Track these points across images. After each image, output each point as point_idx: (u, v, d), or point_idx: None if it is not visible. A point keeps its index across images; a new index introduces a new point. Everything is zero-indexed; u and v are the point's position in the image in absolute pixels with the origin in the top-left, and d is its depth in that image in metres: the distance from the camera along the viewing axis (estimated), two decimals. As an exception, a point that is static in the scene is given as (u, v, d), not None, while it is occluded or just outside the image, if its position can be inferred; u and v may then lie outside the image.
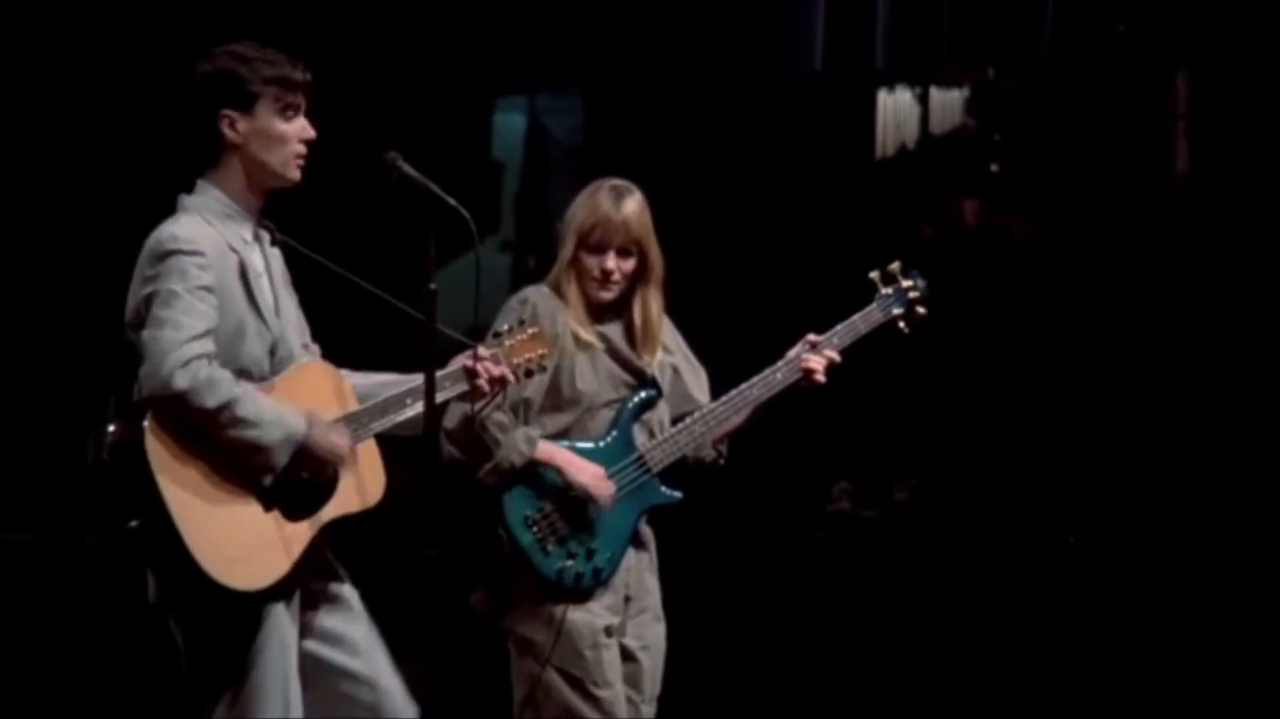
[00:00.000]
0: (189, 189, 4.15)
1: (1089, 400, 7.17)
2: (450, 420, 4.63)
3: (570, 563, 4.71)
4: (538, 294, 4.81)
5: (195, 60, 4.16)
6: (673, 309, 4.95)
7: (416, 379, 4.19)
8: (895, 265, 5.00)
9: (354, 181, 4.22)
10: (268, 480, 4.01)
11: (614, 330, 4.85)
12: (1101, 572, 6.90)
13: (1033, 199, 7.53)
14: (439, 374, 4.22)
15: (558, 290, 4.80)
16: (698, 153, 7.49)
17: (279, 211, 4.20)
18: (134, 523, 3.93)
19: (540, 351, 4.46)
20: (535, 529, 4.71)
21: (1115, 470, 7.08)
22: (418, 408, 4.19)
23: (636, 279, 4.82)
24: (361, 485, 4.15)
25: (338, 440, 4.06)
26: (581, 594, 4.74)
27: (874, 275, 4.99)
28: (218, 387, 3.91)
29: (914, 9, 7.29)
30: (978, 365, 7.33)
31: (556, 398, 4.77)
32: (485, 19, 7.32)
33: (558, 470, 4.71)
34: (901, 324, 4.98)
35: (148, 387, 3.91)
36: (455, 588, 4.72)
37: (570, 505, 4.74)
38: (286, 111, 4.09)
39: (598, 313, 4.83)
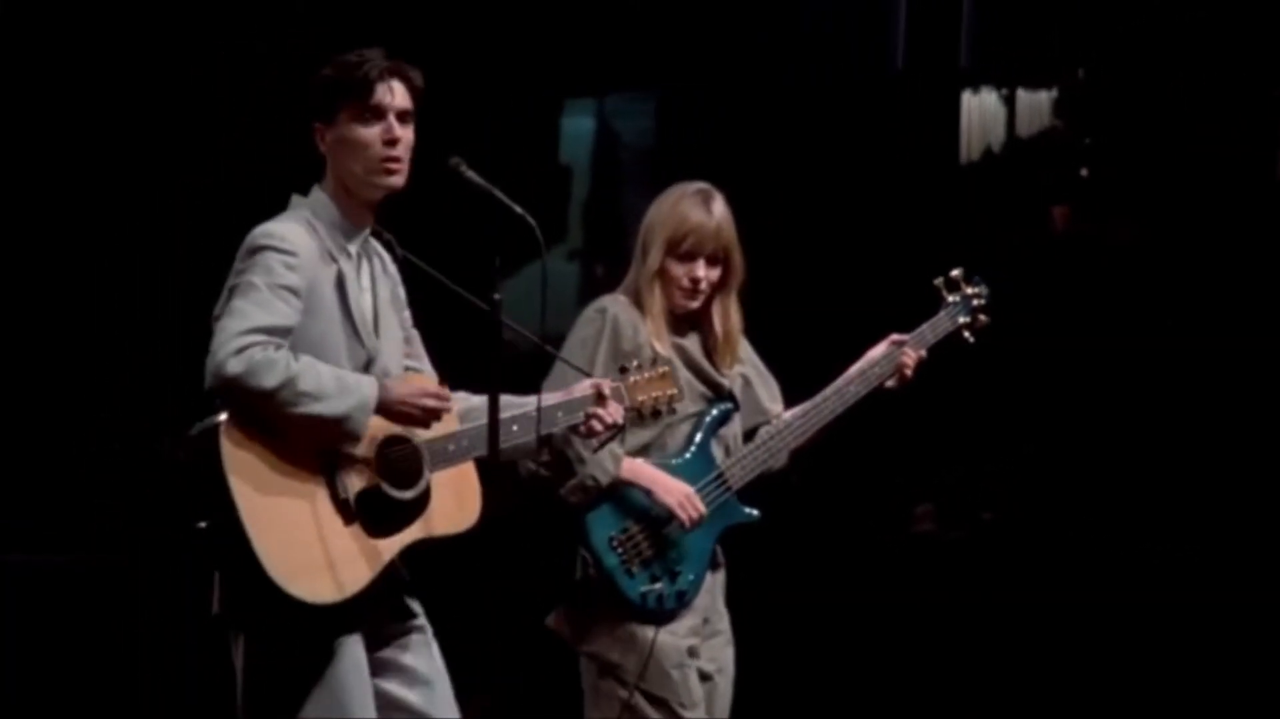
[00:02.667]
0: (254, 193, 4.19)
1: (1189, 416, 7.10)
2: None
3: (655, 586, 4.72)
4: (616, 304, 4.79)
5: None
6: (747, 315, 4.93)
7: (528, 403, 4.19)
8: (958, 272, 5.02)
9: (417, 188, 4.21)
10: (343, 493, 3.97)
11: (691, 342, 4.84)
12: (1201, 598, 6.84)
13: (1125, 206, 7.47)
14: (551, 403, 4.23)
15: (636, 299, 4.78)
16: (773, 156, 7.46)
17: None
18: (203, 524, 3.91)
19: (670, 392, 4.43)
20: (620, 551, 4.70)
21: (1216, 491, 7.00)
22: (524, 436, 4.17)
23: (718, 287, 4.80)
24: (454, 508, 4.09)
25: (425, 397, 3.99)
26: (664, 616, 4.73)
27: (938, 283, 5.01)
28: (275, 365, 3.88)
29: (1000, 7, 7.25)
30: (1067, 379, 7.27)
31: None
32: (553, 19, 7.31)
33: (645, 491, 4.69)
34: (966, 334, 5.00)
35: (207, 378, 3.90)
36: (531, 609, 4.70)
37: (654, 526, 4.74)
38: (364, 116, 4.08)
39: (677, 323, 4.81)
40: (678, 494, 4.70)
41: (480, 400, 4.16)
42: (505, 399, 4.19)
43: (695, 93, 7.67)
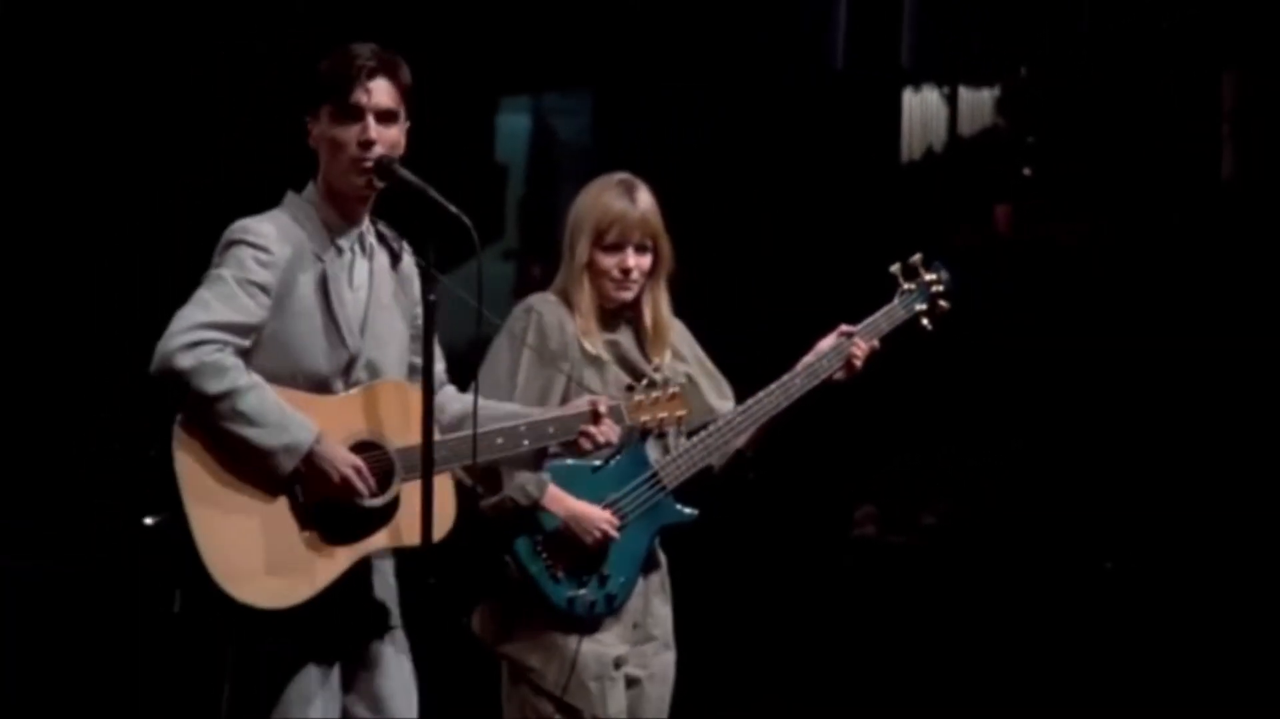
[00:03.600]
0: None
1: (1131, 419, 7.10)
2: None
3: (582, 591, 4.69)
4: (543, 303, 4.77)
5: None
6: (684, 316, 4.91)
7: (520, 416, 4.20)
8: (917, 257, 4.98)
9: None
10: (301, 496, 3.95)
11: (624, 336, 4.81)
12: (1141, 602, 6.84)
13: (1068, 206, 7.48)
14: (544, 418, 4.24)
15: (565, 298, 4.76)
16: (711, 156, 7.44)
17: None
18: (150, 520, 3.90)
19: (679, 413, 4.47)
20: (544, 555, 4.67)
21: (1159, 494, 7.01)
22: (506, 450, 4.17)
23: (647, 277, 4.78)
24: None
25: (348, 470, 3.97)
26: (593, 623, 4.71)
27: (894, 269, 4.97)
28: (224, 373, 3.88)
29: (941, 4, 7.25)
30: (1010, 382, 7.27)
31: (564, 413, 4.72)
32: (488, 15, 7.28)
33: (563, 524, 4.66)
34: (925, 321, 4.96)
35: (153, 361, 3.90)
36: (455, 616, 4.67)
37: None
38: (340, 116, 4.07)
39: (608, 318, 4.78)
40: (594, 533, 4.67)
41: (467, 408, 4.14)
42: (496, 408, 4.22)
43: (632, 90, 7.64)
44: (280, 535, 3.93)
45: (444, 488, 4.08)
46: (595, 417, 4.30)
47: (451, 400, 4.24)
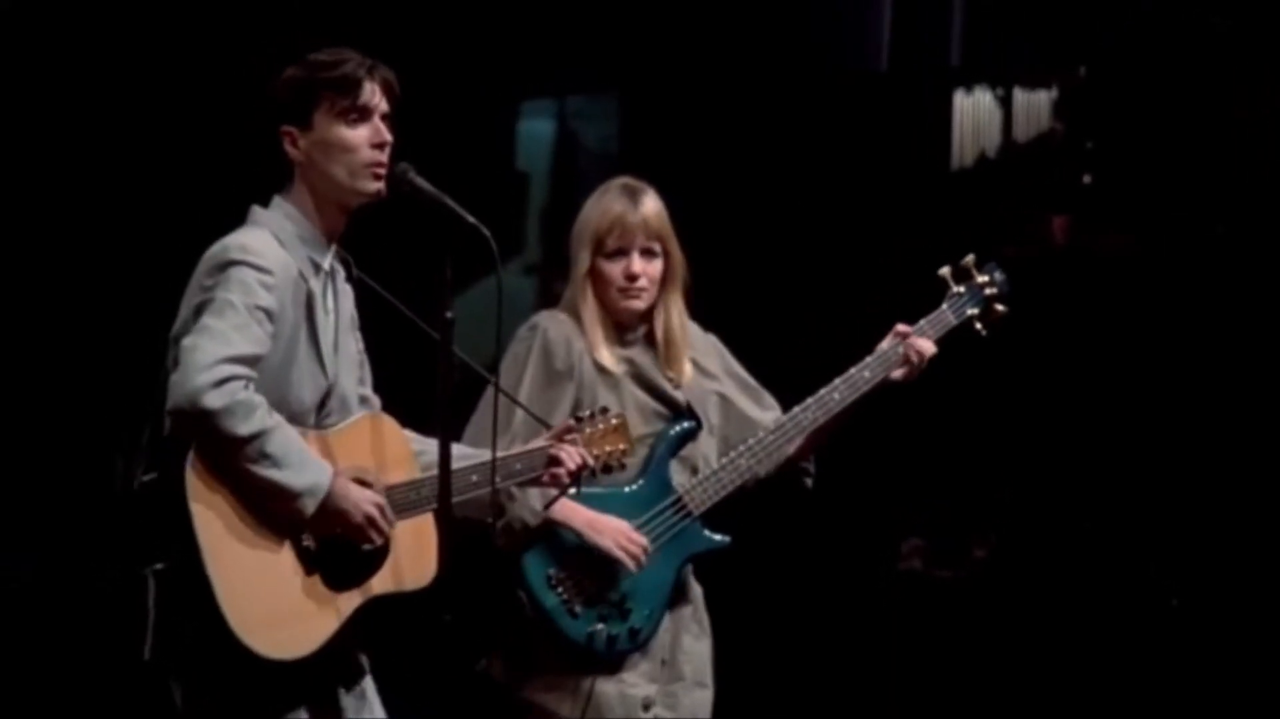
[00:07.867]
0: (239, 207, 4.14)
1: (1200, 444, 7.06)
2: None
3: (602, 626, 4.68)
4: (549, 319, 4.78)
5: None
6: (720, 326, 4.93)
7: (485, 453, 4.15)
8: (969, 259, 4.97)
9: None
10: (307, 539, 3.94)
11: (641, 354, 4.81)
12: (1211, 642, 6.80)
13: (1130, 215, 7.45)
14: (509, 454, 4.22)
15: (574, 313, 4.72)
16: (746, 163, 7.44)
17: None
18: (158, 566, 3.86)
19: (621, 446, 4.43)
20: (560, 589, 4.67)
21: (1229, 526, 6.97)
22: (485, 486, 4.14)
23: (660, 286, 4.75)
24: (413, 562, 4.05)
25: (372, 509, 3.96)
26: (616, 660, 4.69)
27: (944, 272, 4.98)
28: (253, 412, 3.84)
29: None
30: (1069, 404, 7.24)
31: (577, 437, 4.71)
32: (509, 16, 7.28)
33: (576, 534, 4.61)
34: (978, 325, 4.96)
35: (175, 398, 3.82)
36: (470, 656, 4.65)
37: (600, 560, 4.68)
38: (349, 116, 4.05)
39: (621, 332, 4.75)
40: (612, 534, 4.65)
41: (429, 447, 4.12)
42: (461, 450, 4.18)
43: (662, 93, 7.63)
44: (291, 582, 3.93)
45: (427, 530, 4.07)
46: (559, 445, 4.29)
47: (416, 441, 4.21)
